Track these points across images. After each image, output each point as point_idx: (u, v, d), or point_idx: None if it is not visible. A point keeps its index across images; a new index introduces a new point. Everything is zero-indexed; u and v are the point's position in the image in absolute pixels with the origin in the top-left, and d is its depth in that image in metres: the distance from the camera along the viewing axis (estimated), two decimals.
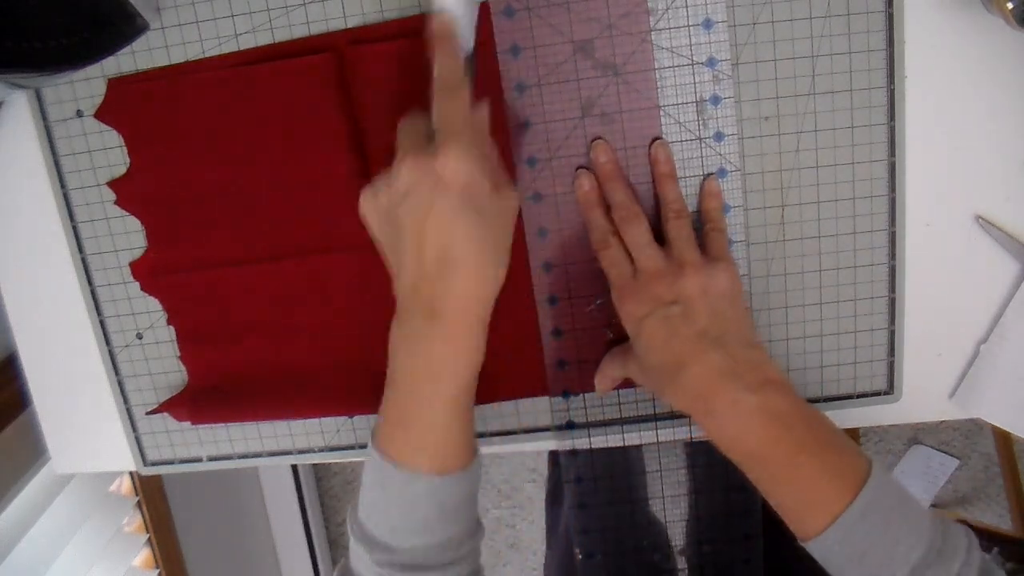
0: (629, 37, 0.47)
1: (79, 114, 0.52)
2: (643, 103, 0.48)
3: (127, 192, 0.53)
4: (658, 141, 0.48)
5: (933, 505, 1.48)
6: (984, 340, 0.51)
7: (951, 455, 1.48)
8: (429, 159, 0.38)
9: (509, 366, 0.53)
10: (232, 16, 0.49)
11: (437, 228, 0.39)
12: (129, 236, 0.54)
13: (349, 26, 0.48)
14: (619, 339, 0.52)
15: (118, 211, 0.53)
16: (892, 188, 0.49)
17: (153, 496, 1.01)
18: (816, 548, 0.41)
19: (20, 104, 0.52)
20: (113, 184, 0.53)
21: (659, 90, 0.48)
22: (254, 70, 0.49)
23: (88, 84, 0.51)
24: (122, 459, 0.59)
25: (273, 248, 0.52)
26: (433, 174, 0.38)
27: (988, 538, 0.70)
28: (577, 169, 0.49)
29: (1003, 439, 1.18)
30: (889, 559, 0.38)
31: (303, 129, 0.50)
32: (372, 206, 0.42)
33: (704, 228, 0.49)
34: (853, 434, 1.27)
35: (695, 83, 0.48)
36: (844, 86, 0.48)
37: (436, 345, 0.40)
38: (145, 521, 1.00)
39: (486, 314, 0.41)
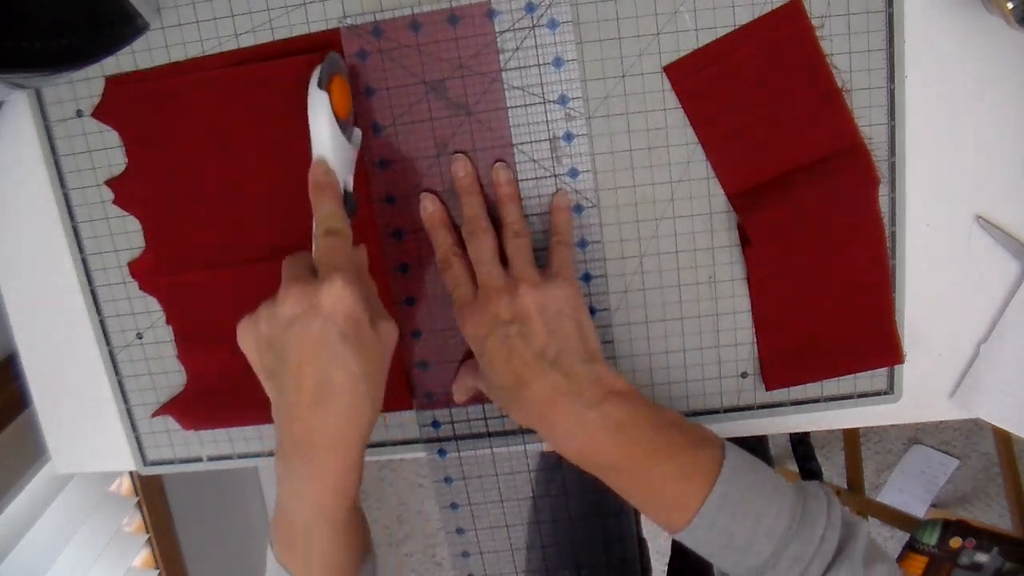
0: (480, 77, 0.48)
1: (79, 114, 0.52)
2: (497, 141, 0.49)
3: (125, 191, 0.53)
4: (498, 163, 0.49)
5: (933, 505, 1.48)
6: (984, 340, 0.51)
7: (951, 455, 1.48)
8: (313, 288, 0.39)
9: None
10: (232, 16, 0.49)
11: (317, 357, 0.39)
12: (129, 236, 0.54)
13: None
14: None
15: (118, 211, 0.53)
16: (892, 188, 0.49)
17: (153, 496, 1.01)
18: (686, 540, 0.42)
19: (20, 104, 0.52)
20: (111, 183, 0.53)
21: (512, 128, 0.49)
22: (251, 69, 0.49)
23: (88, 84, 0.51)
24: (122, 459, 0.59)
25: (272, 247, 0.52)
26: (317, 303, 0.39)
27: (988, 538, 0.70)
28: (422, 192, 0.50)
29: (1003, 439, 1.18)
30: (755, 537, 0.40)
31: (301, 127, 0.50)
32: (252, 334, 0.42)
33: (550, 242, 0.49)
34: (853, 434, 1.27)
35: (548, 121, 0.49)
36: (844, 86, 0.48)
37: (312, 484, 0.41)
38: (145, 521, 1.00)
39: (360, 446, 0.41)
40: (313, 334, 0.39)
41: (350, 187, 0.47)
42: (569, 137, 0.49)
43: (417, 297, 0.52)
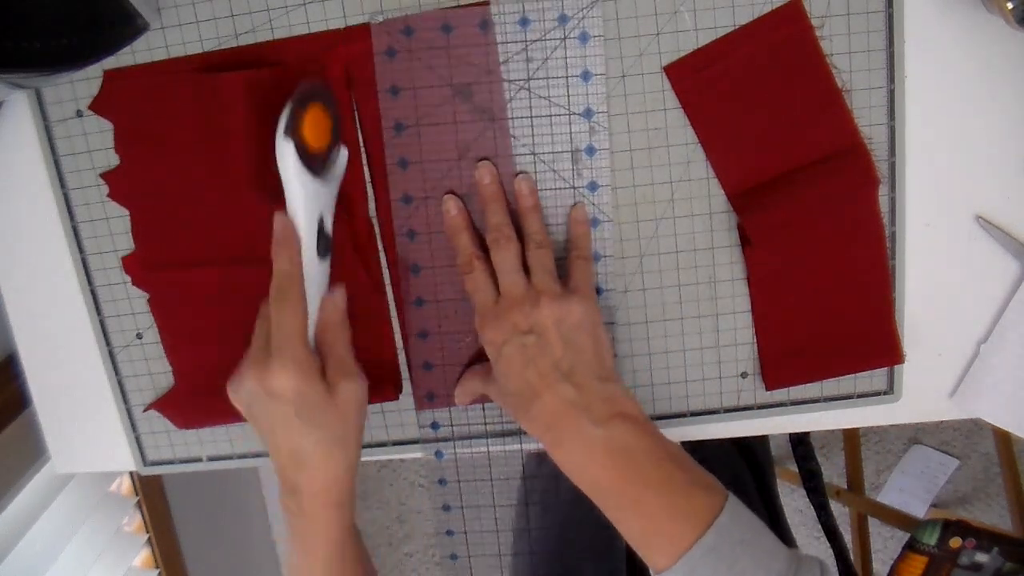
0: (507, 84, 0.48)
1: (79, 114, 0.52)
2: (519, 149, 0.49)
3: (119, 184, 0.52)
4: (521, 175, 0.49)
5: (933, 505, 1.48)
6: (984, 340, 0.51)
7: (951, 455, 1.48)
8: (262, 372, 0.43)
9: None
10: (232, 16, 0.49)
11: (283, 430, 0.44)
12: (129, 236, 0.54)
13: (349, 25, 0.48)
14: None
15: (118, 210, 0.53)
16: (892, 188, 0.49)
17: (153, 496, 1.01)
18: None
19: (20, 104, 0.52)
20: (107, 175, 0.52)
21: (535, 138, 0.49)
22: (244, 75, 0.48)
23: (88, 84, 0.51)
24: (122, 459, 0.59)
25: (258, 250, 0.52)
26: (268, 385, 0.43)
27: (988, 538, 0.70)
28: (445, 195, 0.50)
29: (1003, 439, 1.18)
30: None
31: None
32: (235, 400, 0.46)
33: (569, 256, 0.49)
34: (853, 434, 1.27)
35: (571, 133, 0.49)
36: (844, 86, 0.48)
37: (301, 520, 0.46)
38: (145, 521, 1.00)
39: (341, 495, 0.46)
40: (272, 412, 0.44)
41: (328, 225, 0.47)
42: (591, 151, 0.49)
43: (427, 299, 0.52)
